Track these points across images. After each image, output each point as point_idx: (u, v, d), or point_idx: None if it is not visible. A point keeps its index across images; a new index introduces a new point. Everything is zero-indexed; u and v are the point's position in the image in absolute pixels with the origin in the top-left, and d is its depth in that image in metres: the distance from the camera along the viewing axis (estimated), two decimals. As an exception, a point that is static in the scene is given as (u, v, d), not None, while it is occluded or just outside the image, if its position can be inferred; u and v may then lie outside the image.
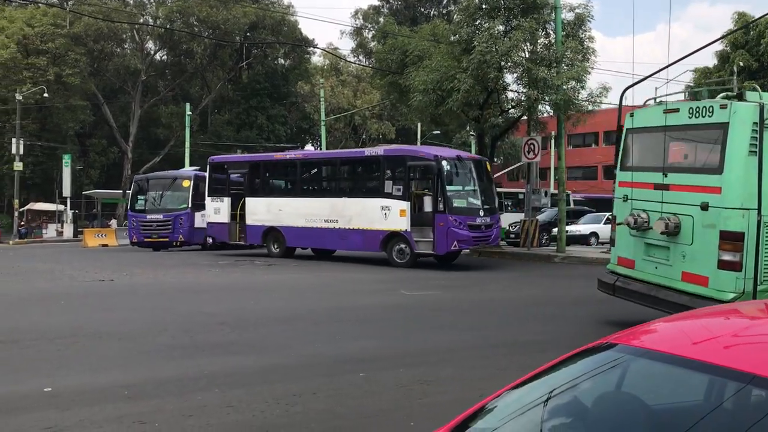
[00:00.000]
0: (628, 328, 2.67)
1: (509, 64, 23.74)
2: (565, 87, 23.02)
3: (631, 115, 9.91)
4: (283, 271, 18.50)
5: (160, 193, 29.17)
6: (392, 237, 19.14)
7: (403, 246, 19.03)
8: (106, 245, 32.58)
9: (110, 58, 53.01)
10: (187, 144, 42.10)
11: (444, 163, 18.48)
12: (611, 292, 10.12)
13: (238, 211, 23.08)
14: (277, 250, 22.21)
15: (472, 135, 29.44)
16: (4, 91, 43.36)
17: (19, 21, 44.78)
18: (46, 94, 41.17)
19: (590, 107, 25.16)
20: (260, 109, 57.35)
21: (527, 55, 23.99)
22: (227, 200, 23.44)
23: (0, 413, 5.68)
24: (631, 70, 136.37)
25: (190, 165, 37.65)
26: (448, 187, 18.34)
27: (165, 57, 56.65)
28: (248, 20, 51.15)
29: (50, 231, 42.87)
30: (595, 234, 29.16)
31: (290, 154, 24.54)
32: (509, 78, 25.72)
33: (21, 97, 40.33)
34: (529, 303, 13.09)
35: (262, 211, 22.28)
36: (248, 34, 54.16)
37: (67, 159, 41.47)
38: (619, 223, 9.89)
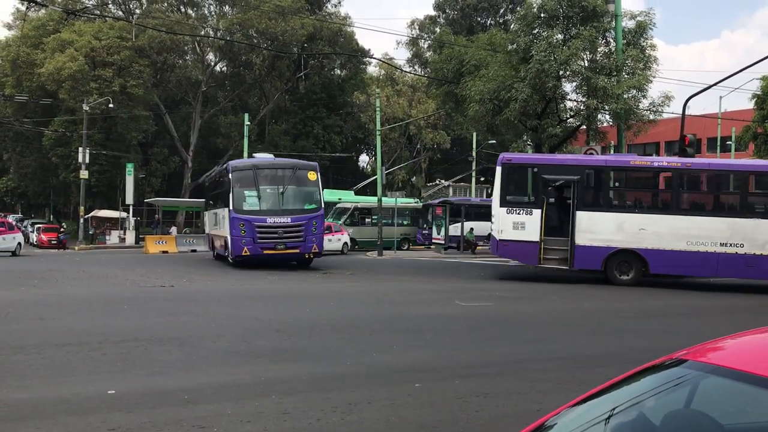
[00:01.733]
0: (697, 345, 2.59)
1: (568, 72, 23.54)
2: (625, 96, 22.70)
3: None
4: (339, 280, 18.60)
5: (280, 188, 21.73)
6: None
7: None
8: (166, 252, 33.39)
9: (172, 70, 54.58)
10: (245, 153, 42.77)
11: None
12: None
13: (543, 226, 18.90)
14: (629, 277, 18.53)
15: (529, 145, 29.17)
16: (72, 102, 44.93)
17: (87, 35, 46.39)
18: (111, 105, 42.49)
19: (651, 116, 24.68)
20: (316, 119, 58.07)
21: (586, 64, 23.76)
22: (537, 213, 18.87)
23: (69, 413, 5.88)
24: (695, 78, 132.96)
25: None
26: None
27: (225, 68, 57.92)
28: (306, 32, 51.85)
29: (113, 237, 44.10)
30: None
31: (662, 161, 20.40)
32: (568, 87, 25.55)
33: (88, 108, 41.72)
34: (591, 315, 12.86)
35: (606, 229, 18.59)
36: (306, 45, 54.88)
37: (130, 168, 42.77)
38: None
